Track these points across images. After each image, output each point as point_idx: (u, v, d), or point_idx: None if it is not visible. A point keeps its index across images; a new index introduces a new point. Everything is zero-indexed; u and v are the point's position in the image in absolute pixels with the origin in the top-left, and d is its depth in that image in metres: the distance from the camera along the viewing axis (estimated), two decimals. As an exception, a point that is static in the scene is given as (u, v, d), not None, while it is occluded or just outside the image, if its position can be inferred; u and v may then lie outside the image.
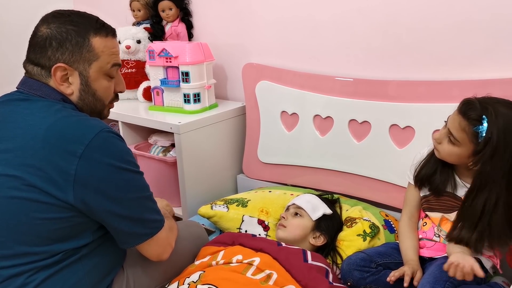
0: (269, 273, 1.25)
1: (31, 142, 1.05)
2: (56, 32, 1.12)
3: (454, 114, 1.27)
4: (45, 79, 1.14)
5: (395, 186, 1.69)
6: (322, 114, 1.81)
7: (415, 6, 1.59)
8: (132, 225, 1.13)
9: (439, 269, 1.28)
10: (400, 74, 1.66)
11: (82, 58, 1.14)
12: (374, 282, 1.33)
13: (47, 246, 1.07)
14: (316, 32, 1.84)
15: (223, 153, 2.06)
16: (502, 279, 1.37)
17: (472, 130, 1.20)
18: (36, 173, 1.03)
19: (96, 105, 1.21)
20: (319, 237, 1.51)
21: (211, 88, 2.02)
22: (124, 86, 1.30)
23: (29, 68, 1.16)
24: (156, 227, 1.17)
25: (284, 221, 1.54)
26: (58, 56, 1.12)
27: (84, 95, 1.18)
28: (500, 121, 1.18)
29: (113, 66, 1.20)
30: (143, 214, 1.14)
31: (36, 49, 1.14)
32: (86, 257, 1.13)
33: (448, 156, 1.30)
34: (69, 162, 1.03)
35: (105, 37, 1.17)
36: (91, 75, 1.16)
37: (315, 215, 1.53)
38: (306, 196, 1.62)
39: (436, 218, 1.39)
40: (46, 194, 1.03)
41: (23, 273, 1.06)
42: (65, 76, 1.14)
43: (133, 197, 1.12)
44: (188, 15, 2.20)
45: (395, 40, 1.66)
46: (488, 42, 1.48)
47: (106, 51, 1.17)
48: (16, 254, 1.06)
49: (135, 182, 1.13)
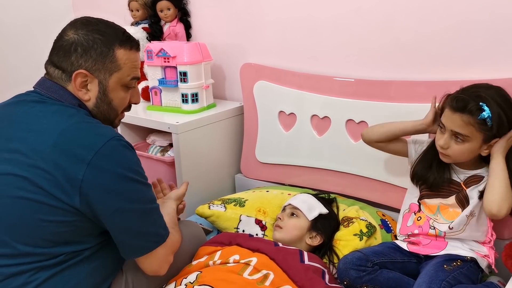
0: (266, 273, 1.25)
1: (42, 146, 1.06)
2: (83, 39, 1.14)
3: (450, 114, 1.28)
4: (64, 83, 1.16)
5: (391, 185, 1.70)
6: (320, 114, 1.82)
7: (413, 6, 1.60)
8: (132, 237, 1.12)
9: (435, 268, 1.29)
10: (398, 74, 1.67)
11: (104, 68, 1.16)
12: (370, 281, 1.33)
13: (49, 248, 1.08)
14: (314, 32, 1.85)
15: (221, 153, 2.06)
16: (498, 279, 1.38)
17: (478, 119, 1.23)
18: (44, 176, 1.04)
19: (110, 114, 1.23)
20: (315, 237, 1.51)
21: (209, 88, 2.03)
22: (140, 98, 1.31)
23: (50, 70, 1.17)
24: (157, 241, 1.15)
25: (280, 222, 1.55)
26: (81, 63, 1.14)
27: (100, 103, 1.19)
28: (493, 100, 1.23)
29: (132, 79, 1.22)
30: (145, 227, 1.13)
31: (60, 53, 1.15)
32: (88, 260, 1.14)
33: (460, 156, 1.32)
34: (77, 168, 1.03)
35: (129, 50, 1.20)
36: (110, 85, 1.18)
37: (311, 215, 1.54)
38: (302, 196, 1.63)
39: (434, 205, 1.41)
40: (52, 197, 1.04)
41: (25, 272, 1.07)
42: (85, 82, 1.15)
43: (137, 208, 1.11)
44: (187, 15, 2.20)
45: (394, 40, 1.67)
46: (487, 43, 1.49)
47: (128, 63, 1.19)
48: (19, 253, 1.07)
49: (140, 193, 1.12)
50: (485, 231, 1.38)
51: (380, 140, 1.51)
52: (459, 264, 1.31)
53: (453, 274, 1.27)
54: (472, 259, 1.33)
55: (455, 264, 1.30)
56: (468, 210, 1.34)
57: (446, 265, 1.29)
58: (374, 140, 1.53)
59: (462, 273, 1.29)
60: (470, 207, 1.34)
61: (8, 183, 1.06)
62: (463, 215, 1.34)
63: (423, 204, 1.44)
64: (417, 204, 1.46)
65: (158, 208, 1.17)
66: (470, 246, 1.37)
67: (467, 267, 1.31)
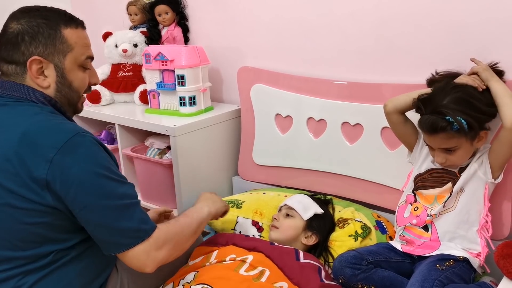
0: (262, 270, 1.27)
1: (6, 147, 1.05)
2: (27, 27, 1.12)
3: (428, 137, 1.35)
4: (21, 77, 1.14)
5: (387, 187, 1.71)
6: (316, 116, 1.84)
7: (407, 10, 1.62)
8: (107, 234, 1.09)
9: (428, 268, 1.31)
10: (393, 77, 1.69)
11: (56, 50, 1.14)
12: (365, 279, 1.35)
13: (32, 250, 1.07)
14: (311, 36, 1.87)
15: (219, 155, 2.08)
16: (490, 279, 1.40)
17: (455, 131, 1.28)
18: (12, 179, 1.03)
19: (73, 97, 1.21)
20: (310, 237, 1.53)
21: (206, 91, 2.05)
22: (98, 78, 1.30)
23: (3, 67, 1.16)
24: (137, 237, 1.10)
25: (276, 222, 1.57)
26: (32, 50, 1.12)
27: (61, 86, 1.17)
28: (453, 110, 1.28)
29: (87, 58, 1.21)
30: (120, 223, 1.08)
31: (8, 46, 1.13)
32: (76, 259, 1.13)
33: (462, 160, 1.38)
34: (40, 167, 1.02)
35: (76, 29, 1.18)
36: (67, 67, 1.16)
37: (306, 215, 1.56)
38: (297, 197, 1.65)
39: (431, 195, 1.43)
40: (24, 199, 1.03)
41: (13, 277, 1.06)
42: (41, 69, 1.14)
43: (108, 204, 1.07)
44: (184, 19, 2.22)
45: (388, 43, 1.69)
46: (480, 45, 1.51)
47: (79, 42, 1.18)
48: (1, 259, 1.06)
49: (110, 189, 1.08)
50: (479, 211, 1.38)
51: (404, 108, 1.46)
52: (452, 263, 1.32)
53: (446, 273, 1.29)
54: (464, 259, 1.35)
55: (448, 264, 1.32)
56: (458, 185, 1.38)
57: (439, 265, 1.31)
58: (398, 109, 1.47)
59: (454, 272, 1.30)
60: (459, 183, 1.38)
61: None
62: (454, 192, 1.38)
63: (419, 195, 1.46)
64: (413, 194, 1.48)
65: (138, 203, 1.13)
66: (463, 245, 1.38)
67: (460, 267, 1.33)
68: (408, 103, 1.44)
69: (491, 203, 1.40)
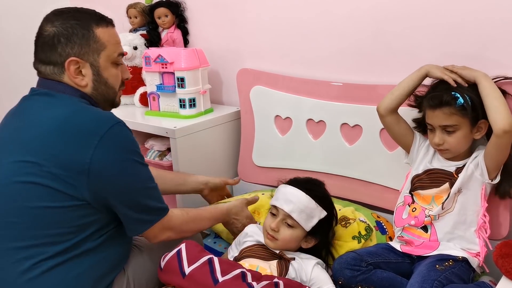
0: None
1: (49, 133, 1.10)
2: (62, 29, 1.17)
3: (431, 113, 1.37)
4: (59, 77, 1.19)
5: (386, 188, 1.72)
6: (315, 118, 1.84)
7: (404, 12, 1.63)
8: (139, 213, 1.19)
9: (427, 268, 1.31)
10: (391, 79, 1.69)
11: (91, 50, 1.20)
12: (364, 280, 1.36)
13: (53, 237, 1.11)
14: (310, 38, 1.88)
15: (218, 157, 2.09)
16: (489, 278, 1.40)
17: (457, 107, 1.31)
18: (52, 161, 1.08)
19: (109, 93, 1.27)
20: (310, 240, 1.45)
21: (206, 93, 2.06)
22: (129, 73, 1.36)
23: (41, 68, 1.21)
24: (159, 214, 1.24)
25: (275, 234, 1.41)
26: (68, 51, 1.18)
27: (97, 84, 1.24)
28: (462, 88, 1.32)
29: (119, 55, 1.27)
30: (149, 203, 1.21)
31: (45, 48, 1.18)
32: (91, 252, 1.17)
33: (458, 145, 1.38)
34: (84, 152, 1.08)
35: (106, 27, 1.24)
36: (101, 65, 1.23)
37: (309, 225, 1.41)
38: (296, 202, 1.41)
39: (429, 195, 1.44)
40: (60, 181, 1.08)
41: (29, 259, 1.09)
42: (78, 69, 1.19)
43: (140, 187, 1.19)
44: (184, 22, 2.23)
45: (386, 45, 1.70)
46: (477, 47, 1.52)
47: (111, 40, 1.24)
48: (24, 238, 1.10)
49: (143, 173, 1.20)
50: (477, 212, 1.39)
51: (395, 106, 1.49)
52: (451, 264, 1.33)
53: (445, 273, 1.29)
54: (463, 259, 1.35)
55: (447, 264, 1.33)
56: (455, 187, 1.38)
57: (438, 265, 1.32)
58: (390, 108, 1.49)
59: (453, 272, 1.31)
60: (457, 184, 1.38)
61: (17, 169, 1.10)
62: (452, 193, 1.39)
63: (417, 196, 1.47)
64: (410, 195, 1.49)
65: (157, 186, 1.24)
66: (462, 245, 1.39)
67: (459, 267, 1.34)
68: (397, 98, 1.48)
69: (489, 204, 1.40)
